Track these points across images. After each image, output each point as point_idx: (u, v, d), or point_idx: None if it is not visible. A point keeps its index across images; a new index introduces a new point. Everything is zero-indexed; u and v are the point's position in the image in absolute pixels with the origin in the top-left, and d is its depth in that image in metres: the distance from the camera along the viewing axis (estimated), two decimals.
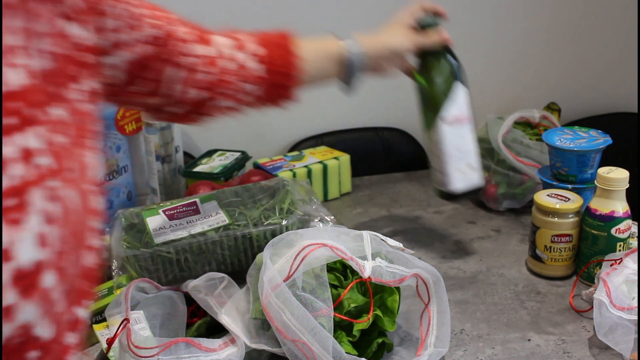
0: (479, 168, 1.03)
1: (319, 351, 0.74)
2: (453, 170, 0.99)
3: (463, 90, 1.02)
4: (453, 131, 0.99)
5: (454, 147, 0.99)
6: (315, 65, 0.90)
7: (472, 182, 1.02)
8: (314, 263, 0.80)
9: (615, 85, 1.71)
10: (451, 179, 1.00)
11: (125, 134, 1.23)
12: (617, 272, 0.88)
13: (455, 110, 1.00)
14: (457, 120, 1.00)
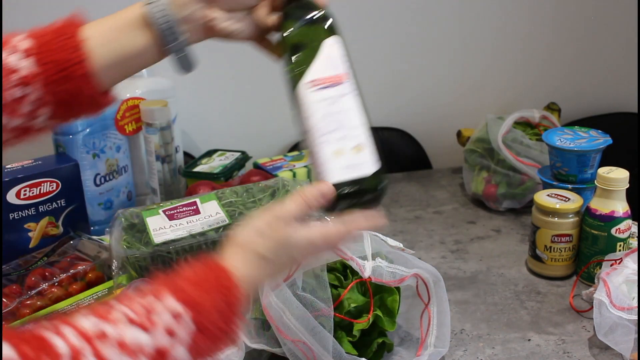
0: (371, 150, 0.67)
1: (319, 351, 0.74)
2: (328, 153, 0.66)
3: (334, 40, 0.73)
4: (322, 97, 0.68)
5: (327, 120, 0.68)
6: (112, 42, 0.67)
7: (361, 171, 0.66)
8: (314, 263, 0.80)
9: (615, 85, 1.71)
10: (326, 167, 0.66)
11: (125, 134, 1.23)
12: (617, 272, 0.88)
13: (324, 67, 0.70)
14: (328, 82, 0.69)
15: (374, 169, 0.66)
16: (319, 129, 0.67)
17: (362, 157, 0.66)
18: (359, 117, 0.69)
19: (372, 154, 0.67)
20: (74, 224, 1.10)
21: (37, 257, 1.02)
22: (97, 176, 1.19)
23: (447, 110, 1.64)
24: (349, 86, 0.70)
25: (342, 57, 0.72)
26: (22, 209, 1.03)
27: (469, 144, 1.37)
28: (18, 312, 0.90)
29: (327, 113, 0.68)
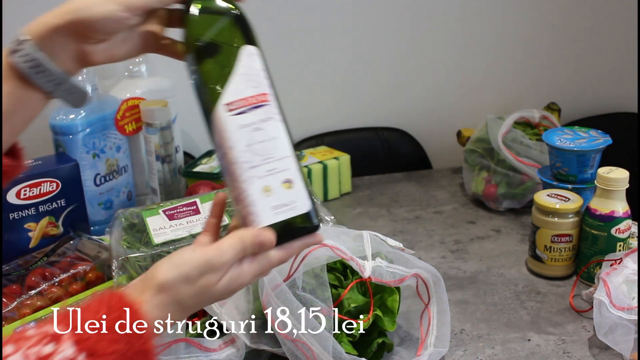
0: (302, 183, 0.59)
1: (319, 351, 0.74)
2: (256, 191, 0.57)
3: (253, 50, 0.60)
4: (244, 123, 0.58)
5: (252, 151, 0.58)
6: None
7: (295, 210, 0.58)
8: (314, 263, 0.80)
9: (615, 85, 1.71)
10: (255, 209, 0.57)
11: (125, 134, 1.23)
12: (617, 272, 0.88)
13: (244, 85, 0.59)
14: (250, 103, 0.59)
15: (308, 206, 0.58)
16: (244, 161, 0.57)
17: (294, 193, 0.58)
18: (286, 145, 0.59)
19: (303, 188, 0.59)
20: (74, 224, 1.10)
21: (37, 257, 1.02)
22: (97, 176, 1.19)
23: (447, 110, 1.64)
24: (272, 108, 0.60)
25: (262, 71, 0.60)
26: (22, 209, 1.03)
27: (469, 144, 1.37)
28: (18, 312, 0.90)
29: (252, 142, 0.58)
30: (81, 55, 0.62)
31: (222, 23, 0.60)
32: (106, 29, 0.60)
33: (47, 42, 0.60)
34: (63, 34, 0.60)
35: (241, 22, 0.61)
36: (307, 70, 1.53)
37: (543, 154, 1.25)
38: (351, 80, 1.57)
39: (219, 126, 0.58)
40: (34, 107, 0.63)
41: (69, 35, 0.60)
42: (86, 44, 0.61)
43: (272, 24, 1.45)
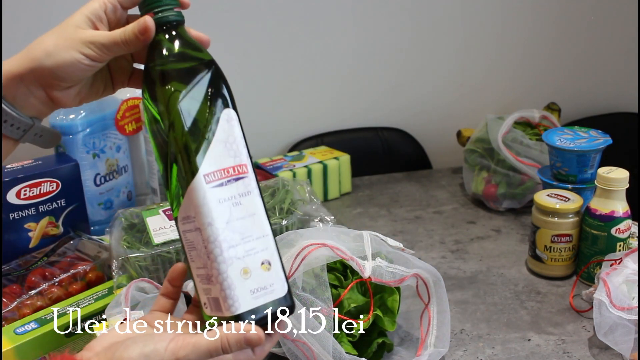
0: (279, 264, 0.56)
1: (319, 351, 0.74)
2: (235, 273, 0.53)
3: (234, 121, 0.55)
4: (224, 197, 0.53)
5: (231, 229, 0.53)
6: None
7: (273, 294, 0.55)
8: (314, 263, 0.80)
9: (615, 85, 1.71)
10: (234, 293, 0.53)
11: (125, 134, 1.23)
12: (617, 272, 0.88)
13: (223, 154, 0.53)
14: (229, 175, 0.54)
15: (285, 289, 0.55)
16: (223, 240, 0.52)
17: (272, 275, 0.54)
18: (264, 222, 0.55)
19: (280, 269, 0.55)
20: (74, 224, 1.10)
21: (37, 257, 1.02)
22: (97, 176, 1.19)
23: (447, 110, 1.64)
24: (251, 180, 0.55)
25: (241, 139, 0.55)
26: (22, 209, 1.03)
27: (469, 144, 1.37)
28: (18, 312, 0.90)
29: (231, 219, 0.53)
30: (50, 100, 0.61)
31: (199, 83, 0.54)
32: (70, 77, 0.58)
33: (12, 91, 0.58)
34: (27, 81, 0.58)
35: (221, 83, 0.55)
36: (307, 70, 1.53)
37: (543, 154, 1.25)
38: (351, 80, 1.57)
39: (196, 199, 0.52)
40: (4, 151, 0.62)
41: (34, 83, 0.59)
42: (53, 90, 0.60)
43: (272, 24, 1.45)
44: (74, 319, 0.88)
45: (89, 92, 0.64)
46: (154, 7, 0.56)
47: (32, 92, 0.60)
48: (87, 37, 0.57)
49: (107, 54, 0.58)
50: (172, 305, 0.63)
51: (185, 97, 0.53)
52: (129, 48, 0.58)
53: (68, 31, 0.58)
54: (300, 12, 1.47)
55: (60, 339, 0.87)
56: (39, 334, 0.85)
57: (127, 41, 0.57)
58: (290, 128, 1.58)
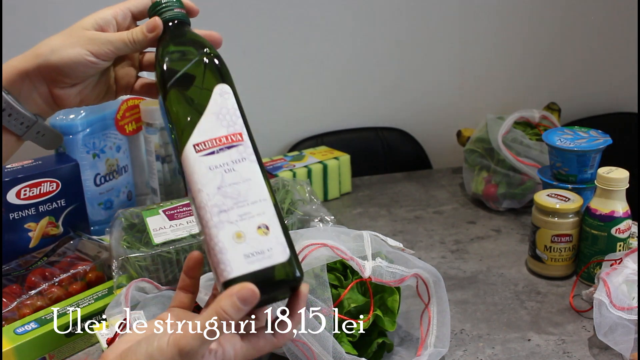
0: (279, 229, 0.53)
1: (319, 351, 0.74)
2: (227, 237, 0.52)
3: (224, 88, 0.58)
4: (215, 163, 0.54)
5: (223, 194, 0.53)
6: None
7: (270, 260, 0.52)
8: (314, 263, 0.80)
9: (615, 85, 1.71)
10: (226, 257, 0.51)
11: (125, 134, 1.23)
12: (617, 272, 0.88)
13: (214, 124, 0.55)
14: (220, 144, 0.55)
15: (286, 255, 0.52)
16: (214, 205, 0.52)
17: (270, 240, 0.52)
18: (262, 187, 0.54)
19: (281, 235, 0.52)
20: (74, 224, 1.10)
21: (37, 257, 1.02)
22: (97, 176, 1.19)
23: (447, 110, 1.64)
24: (246, 148, 0.55)
25: (235, 110, 0.57)
26: (22, 209, 1.03)
27: (469, 144, 1.37)
28: (18, 312, 0.90)
29: (222, 184, 0.53)
30: (53, 99, 0.62)
31: (193, 63, 0.58)
32: (74, 73, 0.60)
33: (17, 86, 0.60)
34: (32, 77, 0.60)
35: (214, 62, 0.58)
36: (307, 70, 1.53)
37: (543, 154, 1.25)
38: (351, 80, 1.57)
39: (187, 168, 0.54)
40: (7, 149, 0.63)
41: (39, 79, 0.60)
42: (57, 87, 0.61)
43: (271, 24, 1.45)
44: (74, 319, 0.88)
45: (90, 94, 0.64)
46: (161, 9, 0.61)
47: (36, 88, 0.61)
48: (94, 35, 0.59)
49: (113, 52, 0.60)
50: (190, 300, 0.59)
51: (179, 77, 0.57)
52: (135, 46, 0.60)
53: (75, 31, 0.60)
54: (300, 12, 1.47)
55: (60, 339, 0.87)
56: (39, 334, 0.85)
57: (134, 40, 0.60)
58: (290, 128, 1.58)
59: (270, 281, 0.51)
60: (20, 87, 0.60)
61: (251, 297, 0.49)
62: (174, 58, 0.58)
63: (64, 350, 0.88)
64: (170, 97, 0.57)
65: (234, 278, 0.50)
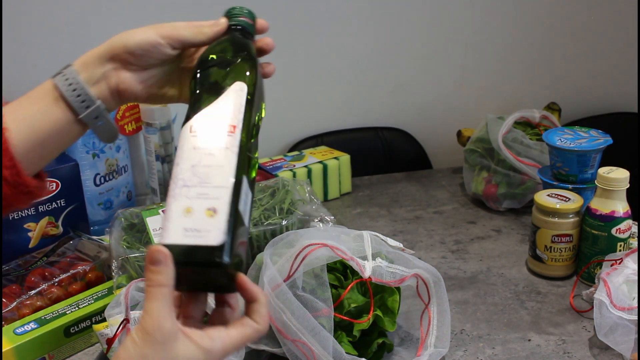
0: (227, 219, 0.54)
1: (319, 351, 0.74)
2: (179, 208, 0.55)
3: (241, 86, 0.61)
4: (199, 141, 0.58)
5: (193, 172, 0.56)
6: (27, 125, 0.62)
7: (203, 239, 0.53)
8: (314, 263, 0.80)
9: (615, 85, 1.71)
10: (169, 224, 0.54)
11: (125, 134, 1.23)
12: (618, 272, 0.88)
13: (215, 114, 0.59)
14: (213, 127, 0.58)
15: (220, 241, 0.52)
16: (182, 179, 0.56)
17: (212, 223, 0.53)
18: (228, 176, 0.56)
19: (225, 223, 0.53)
20: (73, 224, 1.10)
21: (37, 257, 1.02)
22: (97, 176, 1.19)
23: (447, 110, 1.64)
24: (234, 141, 0.58)
25: (240, 106, 0.60)
26: (21, 209, 1.03)
27: (469, 144, 1.37)
28: (18, 312, 0.90)
29: (196, 164, 0.56)
30: (120, 87, 0.64)
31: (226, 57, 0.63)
32: (144, 53, 0.64)
33: (89, 68, 0.64)
34: (104, 60, 0.64)
35: (244, 62, 0.63)
36: (307, 70, 1.53)
37: (543, 154, 1.25)
38: (351, 80, 1.57)
39: (180, 141, 0.59)
40: (67, 135, 0.64)
41: (109, 62, 0.64)
42: (125, 70, 0.64)
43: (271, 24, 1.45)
44: (74, 319, 0.88)
45: (155, 87, 0.67)
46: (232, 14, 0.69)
47: (105, 75, 0.64)
48: (164, 23, 0.65)
49: (178, 37, 0.64)
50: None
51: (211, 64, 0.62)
52: (200, 37, 0.65)
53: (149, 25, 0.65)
54: (301, 12, 1.47)
55: (60, 339, 0.87)
56: (39, 334, 0.85)
57: (201, 29, 0.65)
58: (290, 128, 1.58)
59: (195, 258, 0.52)
60: (90, 68, 0.63)
61: (155, 258, 0.50)
62: (216, 49, 0.64)
63: (64, 350, 0.88)
64: (196, 78, 0.62)
65: (167, 244, 0.52)
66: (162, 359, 0.50)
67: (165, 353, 0.50)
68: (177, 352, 0.50)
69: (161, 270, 0.50)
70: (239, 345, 0.54)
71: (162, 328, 0.50)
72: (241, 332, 0.54)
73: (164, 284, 0.50)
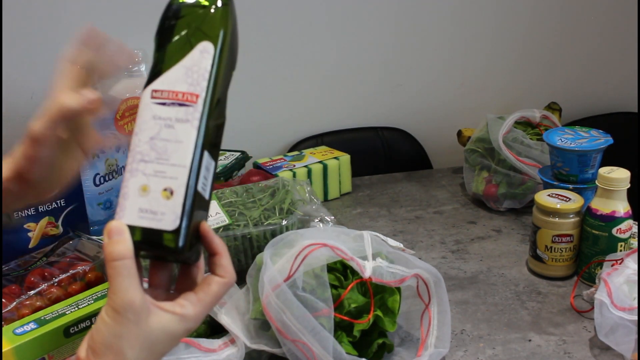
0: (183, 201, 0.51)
1: (319, 351, 0.74)
2: (135, 186, 0.52)
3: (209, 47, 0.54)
4: (159, 114, 0.54)
5: (151, 145, 0.53)
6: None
7: (158, 222, 0.51)
8: (315, 263, 0.79)
9: (615, 85, 1.71)
10: (125, 203, 0.52)
11: (125, 133, 1.23)
12: (618, 273, 0.87)
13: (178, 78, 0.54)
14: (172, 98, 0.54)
15: (173, 225, 0.51)
16: (139, 152, 0.53)
17: (168, 205, 0.51)
18: (187, 154, 0.52)
19: (179, 206, 0.51)
20: (73, 224, 1.10)
21: (37, 257, 1.02)
22: (96, 176, 1.19)
23: (448, 109, 1.64)
24: (196, 112, 0.53)
25: (206, 72, 0.54)
26: (21, 209, 1.03)
27: (469, 144, 1.37)
28: (17, 313, 0.90)
29: (155, 136, 0.53)
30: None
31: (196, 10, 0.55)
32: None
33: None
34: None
35: (215, 17, 0.55)
36: (307, 70, 1.53)
37: (544, 153, 1.25)
38: (351, 80, 1.57)
39: (139, 109, 0.55)
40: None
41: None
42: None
43: (271, 24, 1.45)
44: (74, 320, 0.88)
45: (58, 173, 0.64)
46: None
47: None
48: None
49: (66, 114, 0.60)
50: None
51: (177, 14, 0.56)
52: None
53: None
54: (300, 11, 1.47)
55: (60, 340, 0.87)
56: (38, 334, 0.85)
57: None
58: (290, 128, 1.58)
59: (149, 241, 0.51)
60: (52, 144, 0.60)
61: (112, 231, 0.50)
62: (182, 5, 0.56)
63: (63, 350, 0.88)
64: (161, 30, 0.56)
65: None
66: (138, 336, 0.49)
67: (140, 330, 0.49)
68: (151, 327, 0.50)
69: (119, 240, 0.49)
70: (212, 304, 0.54)
71: (133, 305, 0.49)
72: (209, 291, 0.53)
73: (125, 255, 0.49)
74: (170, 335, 0.51)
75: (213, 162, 0.55)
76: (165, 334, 0.51)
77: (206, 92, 0.54)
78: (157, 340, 0.50)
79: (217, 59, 0.55)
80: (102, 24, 0.70)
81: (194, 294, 0.53)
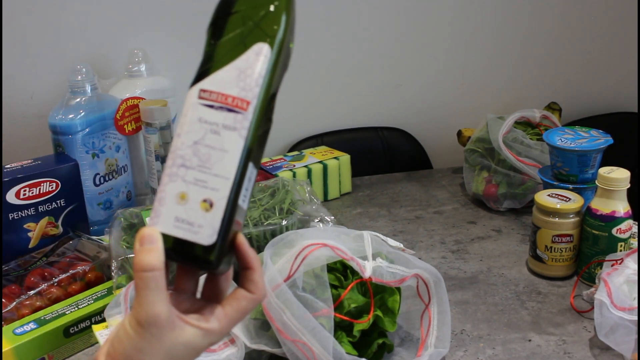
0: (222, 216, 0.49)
1: (319, 351, 0.74)
2: (172, 192, 0.50)
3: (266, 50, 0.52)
4: (205, 118, 0.50)
5: (194, 150, 0.50)
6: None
7: (194, 235, 0.49)
8: (315, 263, 0.79)
9: (615, 85, 1.71)
10: (161, 209, 0.49)
11: (124, 133, 1.23)
12: (618, 273, 0.87)
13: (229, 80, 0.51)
14: (222, 102, 0.50)
15: (211, 241, 0.48)
16: (181, 156, 0.50)
17: (206, 218, 0.49)
18: (231, 166, 0.49)
19: (219, 221, 0.49)
20: (73, 224, 1.10)
21: (37, 257, 1.02)
22: (96, 176, 1.19)
23: (448, 109, 1.64)
24: (245, 121, 0.50)
25: (260, 77, 0.51)
26: (21, 209, 1.03)
27: (469, 144, 1.37)
28: (17, 313, 0.90)
29: (199, 141, 0.50)
30: None
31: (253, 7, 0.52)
32: None
33: None
34: None
35: (275, 17, 0.52)
36: (307, 70, 1.53)
37: (544, 153, 1.25)
38: (351, 80, 1.57)
39: (184, 107, 0.51)
40: None
41: None
42: None
43: None
44: (73, 320, 0.88)
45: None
46: None
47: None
48: None
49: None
50: None
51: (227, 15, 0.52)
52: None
53: None
54: (300, 11, 1.47)
55: (60, 340, 0.87)
56: (38, 334, 0.85)
57: None
58: (290, 128, 1.58)
59: (182, 253, 0.49)
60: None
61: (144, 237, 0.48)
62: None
63: (63, 350, 0.88)
64: (211, 30, 0.52)
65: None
66: (159, 351, 0.48)
67: (162, 345, 0.48)
68: (173, 341, 0.48)
69: (151, 249, 0.48)
70: (237, 319, 0.52)
71: (157, 319, 0.47)
72: (238, 307, 0.51)
73: (154, 267, 0.47)
74: (193, 350, 0.50)
75: (255, 170, 0.52)
76: (187, 349, 0.49)
77: (257, 100, 0.51)
78: (178, 354, 0.49)
79: (273, 63, 0.52)
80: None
81: (222, 308, 0.51)
